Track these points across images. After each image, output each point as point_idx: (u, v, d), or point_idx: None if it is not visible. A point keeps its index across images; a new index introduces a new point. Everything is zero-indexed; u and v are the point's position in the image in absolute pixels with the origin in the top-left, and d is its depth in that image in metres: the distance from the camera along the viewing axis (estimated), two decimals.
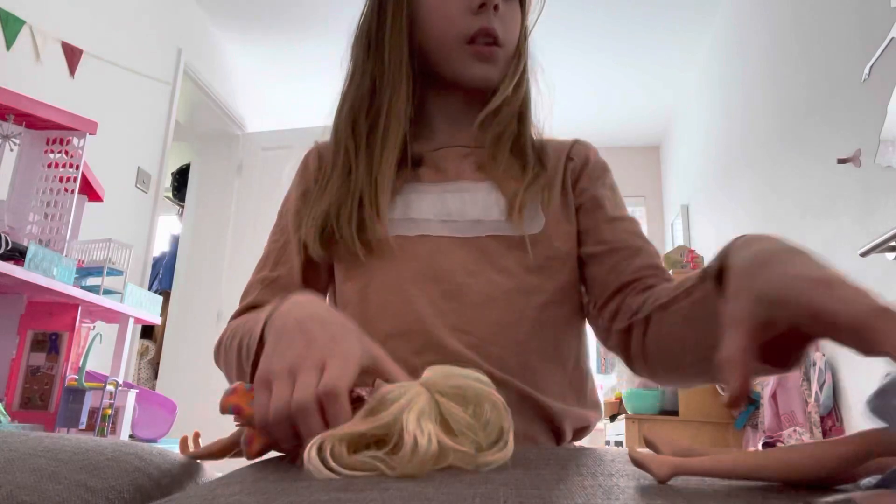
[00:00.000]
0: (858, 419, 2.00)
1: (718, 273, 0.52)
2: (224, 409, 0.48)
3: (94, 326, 2.12)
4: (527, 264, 0.72)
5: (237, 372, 0.65)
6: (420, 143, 0.80)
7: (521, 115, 0.82)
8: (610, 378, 4.11)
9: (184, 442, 0.65)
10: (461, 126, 0.81)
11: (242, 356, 0.62)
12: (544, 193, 0.76)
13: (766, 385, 2.43)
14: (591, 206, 0.78)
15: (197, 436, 0.66)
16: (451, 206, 0.75)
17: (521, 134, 0.81)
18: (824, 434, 2.13)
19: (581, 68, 4.07)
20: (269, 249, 0.82)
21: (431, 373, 0.43)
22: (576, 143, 0.85)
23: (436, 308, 0.69)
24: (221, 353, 0.72)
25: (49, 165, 1.93)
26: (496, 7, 0.74)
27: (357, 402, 0.44)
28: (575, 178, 0.81)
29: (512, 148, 0.80)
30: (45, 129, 1.93)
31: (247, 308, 0.78)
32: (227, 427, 0.49)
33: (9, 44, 2.23)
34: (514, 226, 0.73)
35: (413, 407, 0.40)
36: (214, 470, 0.65)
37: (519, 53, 0.82)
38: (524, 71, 0.83)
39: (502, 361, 0.68)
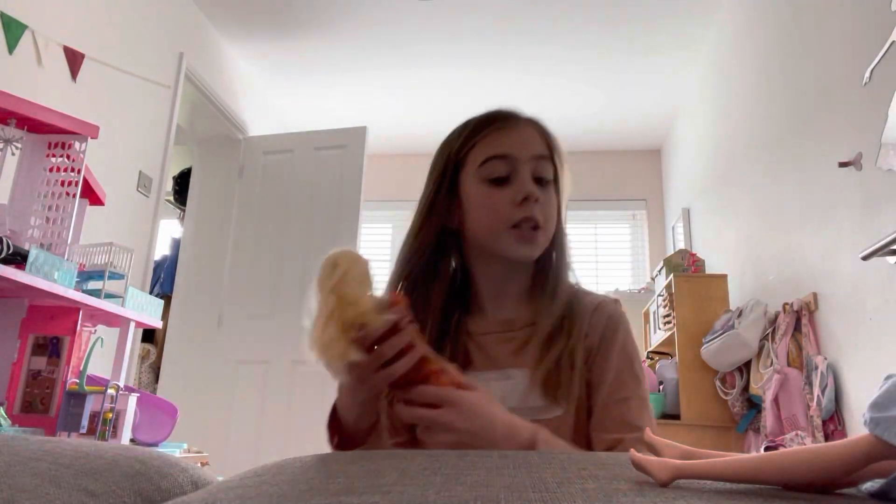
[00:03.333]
0: (859, 423, 2.00)
1: None
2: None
3: (95, 330, 2.12)
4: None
5: None
6: (473, 318, 0.95)
7: (558, 288, 0.94)
8: None
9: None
10: (505, 294, 0.95)
11: None
12: (568, 376, 0.87)
13: (767, 389, 2.42)
14: (595, 384, 0.88)
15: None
16: (494, 394, 0.86)
17: (554, 311, 0.92)
18: (826, 438, 2.13)
19: (582, 71, 4.07)
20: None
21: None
22: (596, 310, 0.92)
23: None
24: None
25: (51, 169, 1.93)
26: (537, 199, 0.88)
27: None
28: (589, 356, 0.89)
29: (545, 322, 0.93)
30: (47, 133, 1.93)
31: None
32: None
33: (11, 48, 2.24)
34: (547, 409, 0.85)
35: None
36: (215, 474, 0.65)
37: (558, 231, 0.94)
38: (562, 248, 0.96)
39: None
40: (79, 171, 1.94)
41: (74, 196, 1.92)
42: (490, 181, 0.90)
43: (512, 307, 0.95)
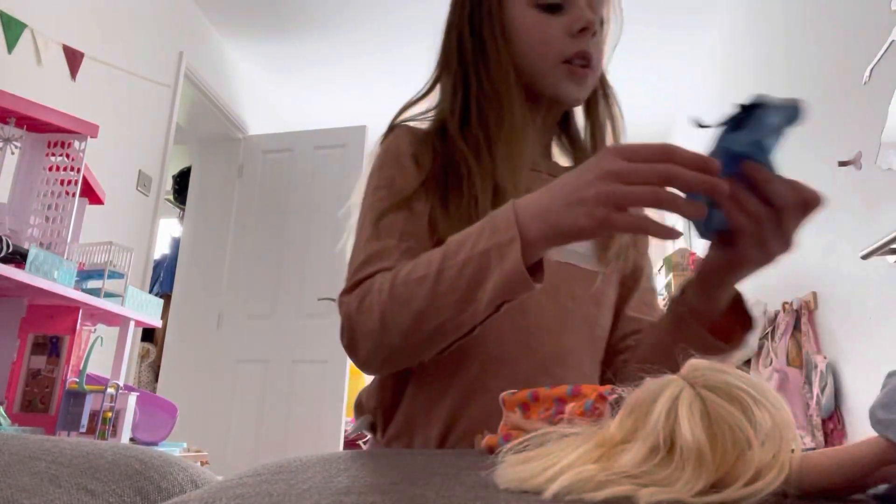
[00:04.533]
0: (859, 422, 2.00)
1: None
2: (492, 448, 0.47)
3: (95, 329, 2.12)
4: (592, 295, 0.79)
5: (446, 287, 0.63)
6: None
7: (601, 142, 0.86)
8: None
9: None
10: (538, 141, 0.86)
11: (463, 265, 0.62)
12: (622, 242, 0.82)
13: None
14: (632, 270, 0.87)
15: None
16: None
17: None
18: (826, 437, 2.13)
19: None
20: (390, 219, 0.76)
21: (691, 366, 0.35)
22: None
23: (511, 323, 0.72)
24: (386, 293, 0.67)
25: (50, 168, 1.93)
26: (595, 32, 0.78)
27: (616, 401, 0.38)
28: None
29: None
30: (47, 132, 1.93)
31: (380, 271, 0.72)
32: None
33: (10, 47, 2.23)
34: (592, 259, 0.79)
35: (680, 405, 0.32)
36: (215, 473, 0.65)
37: (603, 77, 0.87)
38: (608, 97, 0.88)
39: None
40: (78, 171, 1.94)
41: (74, 195, 1.92)
42: (541, 6, 0.78)
43: (539, 158, 0.86)
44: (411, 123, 0.85)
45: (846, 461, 0.32)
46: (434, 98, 0.86)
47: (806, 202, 0.59)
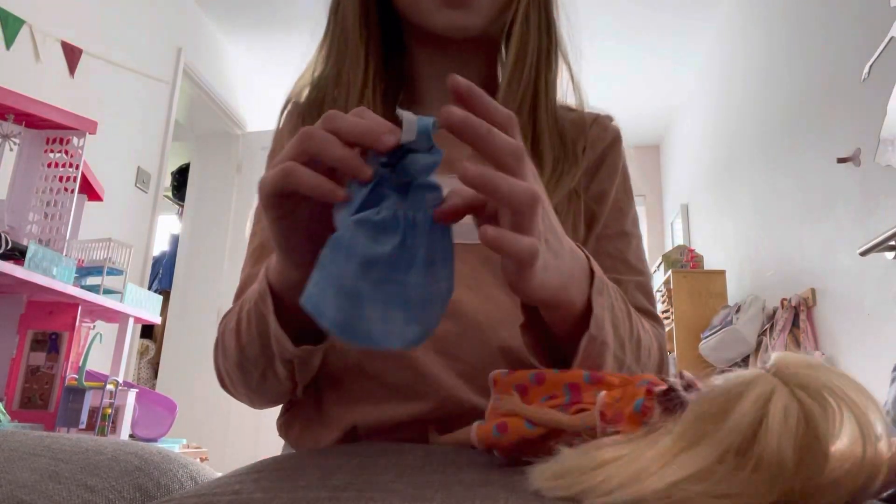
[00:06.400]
0: None
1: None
2: (485, 440, 0.40)
3: (94, 326, 2.12)
4: (494, 273, 0.61)
5: (246, 339, 0.55)
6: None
7: (536, 81, 0.69)
8: None
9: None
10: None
11: (252, 316, 0.52)
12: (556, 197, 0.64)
13: None
14: (589, 217, 0.67)
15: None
16: None
17: (536, 108, 0.67)
18: None
19: (581, 67, 4.06)
20: (259, 239, 0.71)
21: (782, 361, 0.30)
22: (595, 122, 0.74)
23: None
24: (220, 343, 0.63)
25: (49, 165, 1.93)
26: None
27: (667, 397, 0.33)
28: (589, 176, 0.69)
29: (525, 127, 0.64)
30: (45, 128, 1.93)
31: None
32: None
33: (8, 43, 2.23)
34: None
35: (773, 407, 0.28)
36: (214, 469, 0.65)
37: (540, 8, 0.70)
38: (538, 17, 0.70)
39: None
40: (77, 167, 1.94)
41: (73, 192, 1.92)
42: None
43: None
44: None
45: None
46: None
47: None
